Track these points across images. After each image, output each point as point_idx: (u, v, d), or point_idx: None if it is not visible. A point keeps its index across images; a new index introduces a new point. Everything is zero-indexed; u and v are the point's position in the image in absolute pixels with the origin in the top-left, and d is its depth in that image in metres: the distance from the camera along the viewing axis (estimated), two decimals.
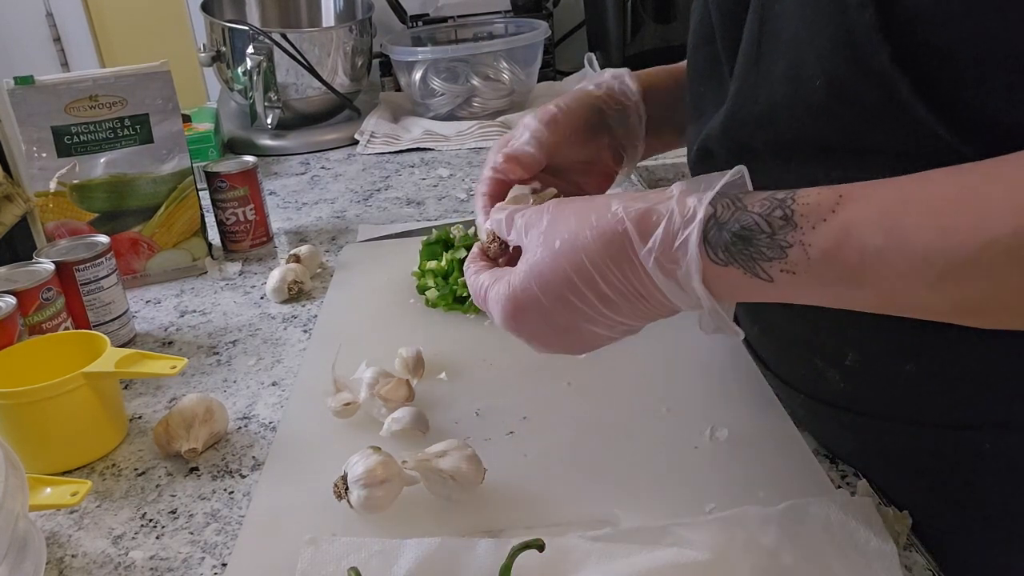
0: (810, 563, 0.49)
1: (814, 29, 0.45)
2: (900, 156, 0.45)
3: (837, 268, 0.40)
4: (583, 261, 0.46)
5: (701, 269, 0.43)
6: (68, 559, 0.56)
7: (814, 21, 0.45)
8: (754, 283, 0.43)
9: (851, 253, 0.40)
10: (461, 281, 0.82)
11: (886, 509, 0.53)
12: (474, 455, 0.56)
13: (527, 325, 0.50)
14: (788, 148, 0.51)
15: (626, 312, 0.47)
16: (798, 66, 0.47)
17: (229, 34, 1.42)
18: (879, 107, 0.43)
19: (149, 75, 0.94)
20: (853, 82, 0.43)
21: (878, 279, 0.40)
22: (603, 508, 0.55)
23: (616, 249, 0.45)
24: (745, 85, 0.52)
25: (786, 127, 0.50)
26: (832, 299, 0.43)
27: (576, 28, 1.81)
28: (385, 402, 0.65)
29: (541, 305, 0.48)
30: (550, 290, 0.48)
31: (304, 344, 0.82)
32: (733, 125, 0.54)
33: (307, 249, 0.97)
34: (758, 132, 0.52)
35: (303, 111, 1.51)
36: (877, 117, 0.44)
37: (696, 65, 0.61)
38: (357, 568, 0.49)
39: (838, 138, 0.47)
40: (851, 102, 0.44)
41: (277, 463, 0.63)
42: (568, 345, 0.51)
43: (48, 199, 0.93)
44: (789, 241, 0.41)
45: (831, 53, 0.44)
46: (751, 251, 0.42)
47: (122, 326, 0.85)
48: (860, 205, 0.40)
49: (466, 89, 1.48)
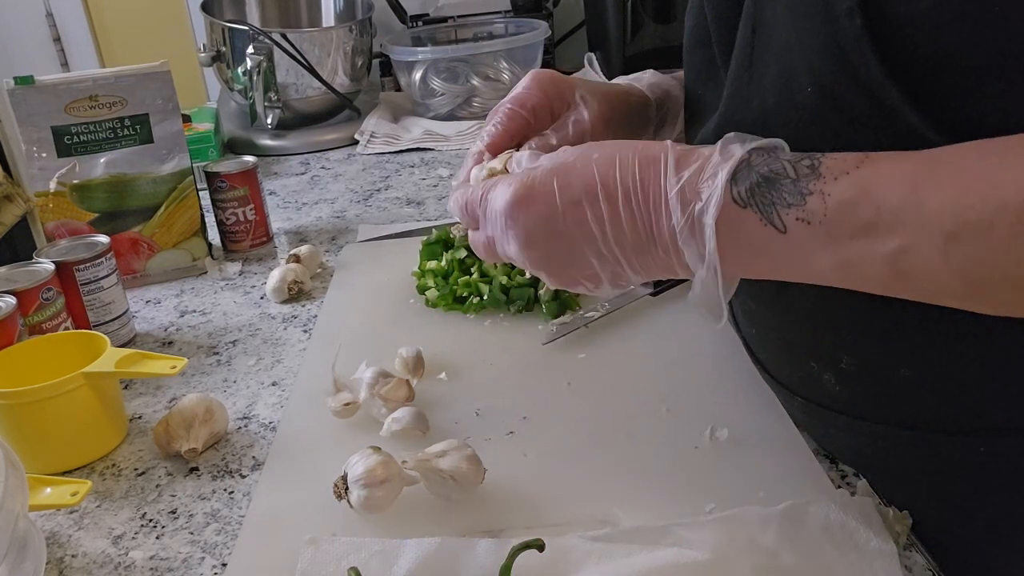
0: (810, 563, 0.49)
1: (804, 37, 0.45)
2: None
3: (852, 221, 0.40)
4: (613, 172, 0.46)
5: (719, 204, 0.43)
6: (68, 559, 0.56)
7: (804, 29, 0.44)
8: (766, 234, 0.43)
9: (868, 206, 0.40)
10: (461, 281, 0.82)
11: (886, 509, 0.53)
12: (474, 455, 0.56)
13: (526, 218, 0.48)
14: None
15: (628, 247, 0.47)
16: (789, 73, 0.47)
17: (229, 34, 1.42)
18: (869, 114, 0.43)
19: (149, 75, 0.94)
20: (843, 90, 0.43)
21: (889, 235, 0.39)
22: (603, 508, 0.55)
23: (649, 170, 0.46)
24: (738, 90, 0.52)
25: (778, 132, 0.50)
26: (838, 263, 0.42)
27: (576, 28, 1.81)
28: (385, 402, 0.65)
29: (552, 202, 0.47)
30: (568, 190, 0.47)
31: (304, 344, 0.82)
32: (728, 129, 0.54)
33: (307, 249, 0.97)
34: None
35: (303, 111, 1.51)
36: (868, 123, 0.44)
37: (693, 67, 0.61)
38: (357, 568, 0.49)
39: (830, 143, 0.47)
40: (842, 109, 0.44)
41: (277, 463, 0.63)
42: (551, 259, 0.49)
43: (48, 199, 0.93)
44: (811, 189, 0.42)
45: (821, 61, 0.44)
46: (773, 195, 0.42)
47: (122, 326, 0.85)
48: (883, 165, 0.41)
49: (466, 89, 1.48)
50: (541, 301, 0.79)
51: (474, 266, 0.83)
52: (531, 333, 0.77)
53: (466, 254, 0.84)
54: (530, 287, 0.80)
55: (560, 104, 0.61)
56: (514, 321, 0.79)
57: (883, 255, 0.40)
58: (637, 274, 0.49)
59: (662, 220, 0.45)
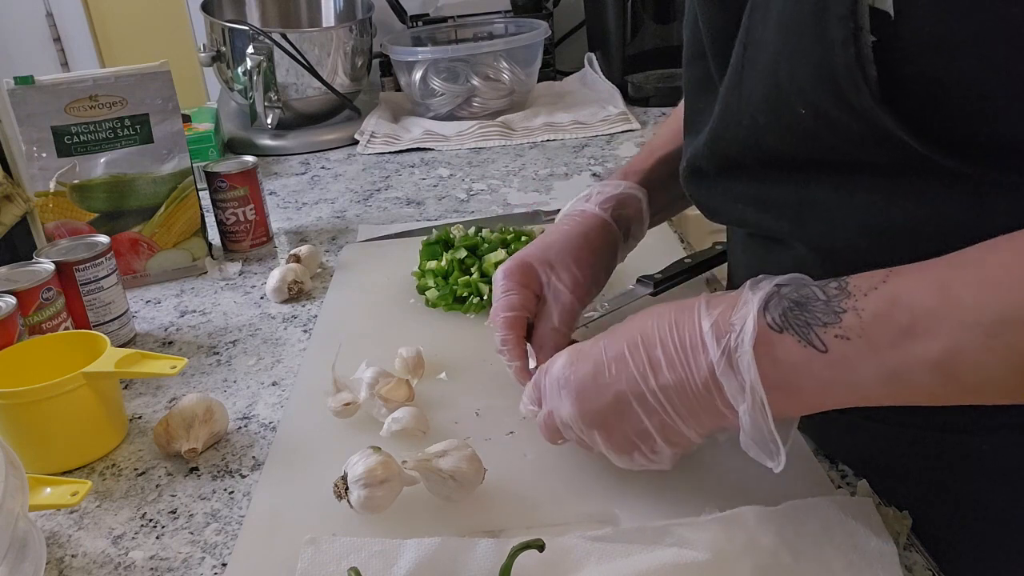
0: (810, 563, 0.49)
1: (794, 60, 0.45)
2: (891, 171, 0.45)
3: (890, 329, 0.41)
4: (652, 323, 0.49)
5: (755, 330, 0.44)
6: (68, 559, 0.56)
7: (794, 52, 0.44)
8: (806, 355, 0.43)
9: (902, 313, 0.41)
10: (461, 281, 0.82)
11: (886, 509, 0.53)
12: (474, 455, 0.56)
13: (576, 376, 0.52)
14: (775, 163, 0.52)
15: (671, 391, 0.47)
16: (777, 93, 0.47)
17: (229, 34, 1.42)
18: (865, 135, 0.44)
19: (149, 75, 0.94)
20: (837, 114, 0.44)
21: (931, 338, 0.40)
22: (603, 508, 0.55)
23: (684, 315, 0.48)
24: (729, 106, 0.52)
25: (773, 147, 0.50)
26: (886, 375, 0.42)
27: (576, 28, 1.81)
28: (385, 402, 0.65)
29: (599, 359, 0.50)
30: (613, 347, 0.50)
31: (304, 344, 0.82)
32: (719, 143, 0.55)
33: (307, 249, 0.97)
34: (743, 150, 0.53)
35: (303, 111, 1.51)
36: (864, 144, 0.44)
37: (691, 78, 0.62)
38: (357, 568, 0.49)
39: (827, 156, 0.48)
40: (836, 130, 0.45)
41: (277, 463, 0.63)
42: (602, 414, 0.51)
43: (48, 199, 0.93)
44: (844, 307, 0.42)
45: (813, 86, 0.44)
46: (806, 316, 0.43)
47: (122, 326, 0.85)
48: (910, 275, 0.42)
49: (466, 89, 1.48)
50: None
51: (474, 266, 0.83)
52: None
53: (466, 254, 0.84)
54: None
55: (535, 283, 0.66)
56: None
57: (930, 360, 0.40)
58: (684, 422, 0.48)
59: (700, 357, 0.46)
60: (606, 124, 1.43)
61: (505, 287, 0.65)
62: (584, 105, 1.53)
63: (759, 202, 0.55)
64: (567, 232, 0.69)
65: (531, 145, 1.40)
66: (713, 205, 0.61)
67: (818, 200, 0.50)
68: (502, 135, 1.43)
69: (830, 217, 0.50)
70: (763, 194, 0.54)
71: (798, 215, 0.52)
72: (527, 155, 1.35)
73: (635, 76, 1.59)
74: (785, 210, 0.53)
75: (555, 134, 1.42)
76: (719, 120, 0.54)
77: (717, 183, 0.58)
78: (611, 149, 1.34)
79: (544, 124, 1.46)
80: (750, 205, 0.56)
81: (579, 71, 1.72)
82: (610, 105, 1.51)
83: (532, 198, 1.16)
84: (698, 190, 0.62)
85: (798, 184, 0.51)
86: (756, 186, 0.55)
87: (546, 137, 1.41)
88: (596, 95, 1.58)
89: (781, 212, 0.53)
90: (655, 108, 1.54)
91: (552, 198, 1.15)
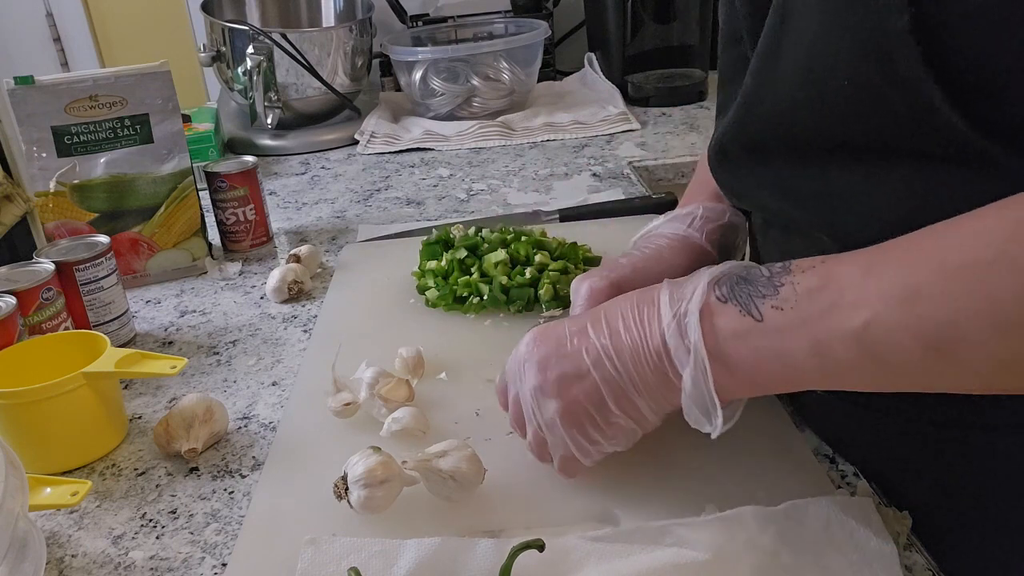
0: (810, 563, 0.49)
1: (838, 30, 0.44)
2: (928, 157, 0.44)
3: (819, 302, 0.44)
4: (616, 304, 0.52)
5: (702, 298, 0.47)
6: (68, 559, 0.56)
7: (840, 21, 0.43)
8: (744, 323, 0.46)
9: (832, 289, 0.44)
10: (461, 281, 0.82)
11: (886, 509, 0.53)
12: (474, 455, 0.56)
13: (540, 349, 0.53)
14: (805, 147, 0.50)
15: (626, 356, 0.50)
16: (819, 67, 0.46)
17: (229, 34, 1.42)
18: (908, 113, 0.43)
19: (149, 75, 0.94)
20: (881, 87, 0.43)
21: (854, 311, 0.42)
22: (603, 508, 0.55)
23: (647, 294, 0.51)
24: (762, 81, 0.51)
25: (804, 126, 0.49)
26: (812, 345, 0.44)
27: (576, 28, 1.81)
28: (385, 402, 0.65)
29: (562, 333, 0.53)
30: (577, 322, 0.53)
31: (304, 344, 0.82)
32: (748, 121, 0.54)
33: (307, 249, 0.97)
34: (774, 130, 0.52)
35: (303, 111, 1.51)
36: (906, 121, 0.43)
37: (726, 62, 0.60)
38: (357, 568, 0.49)
39: (862, 139, 0.47)
40: (877, 106, 0.44)
41: (277, 463, 0.63)
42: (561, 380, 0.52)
43: (48, 199, 0.93)
44: (783, 281, 0.46)
45: (858, 58, 0.43)
46: (749, 289, 0.47)
47: (122, 326, 0.85)
48: (844, 257, 0.45)
49: (466, 89, 1.48)
50: (541, 301, 0.79)
51: (474, 266, 0.83)
52: None
53: (466, 254, 0.84)
54: (530, 287, 0.80)
55: None
56: (514, 321, 0.79)
57: (851, 330, 0.42)
58: (637, 391, 0.50)
59: (655, 324, 0.49)
60: (606, 124, 1.43)
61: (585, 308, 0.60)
62: (584, 105, 1.53)
63: (783, 188, 0.54)
64: (669, 261, 0.64)
65: (531, 145, 1.40)
66: (738, 188, 0.60)
67: (846, 190, 0.50)
68: (502, 135, 1.43)
69: (858, 209, 0.49)
70: (788, 180, 0.53)
71: (824, 205, 0.52)
72: (527, 155, 1.35)
73: (635, 76, 1.59)
74: (810, 199, 0.52)
75: (555, 134, 1.42)
76: (751, 96, 0.52)
77: (742, 165, 0.57)
78: (611, 149, 1.34)
79: (544, 124, 1.46)
80: (774, 191, 0.55)
81: (579, 71, 1.72)
82: (610, 105, 1.51)
83: (532, 198, 1.16)
84: (724, 172, 0.60)
85: (826, 171, 0.50)
86: (781, 172, 0.53)
87: (546, 137, 1.41)
88: (596, 95, 1.58)
89: (805, 201, 0.53)
90: (655, 108, 1.54)
91: (552, 198, 1.15)
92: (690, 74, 1.59)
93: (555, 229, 0.94)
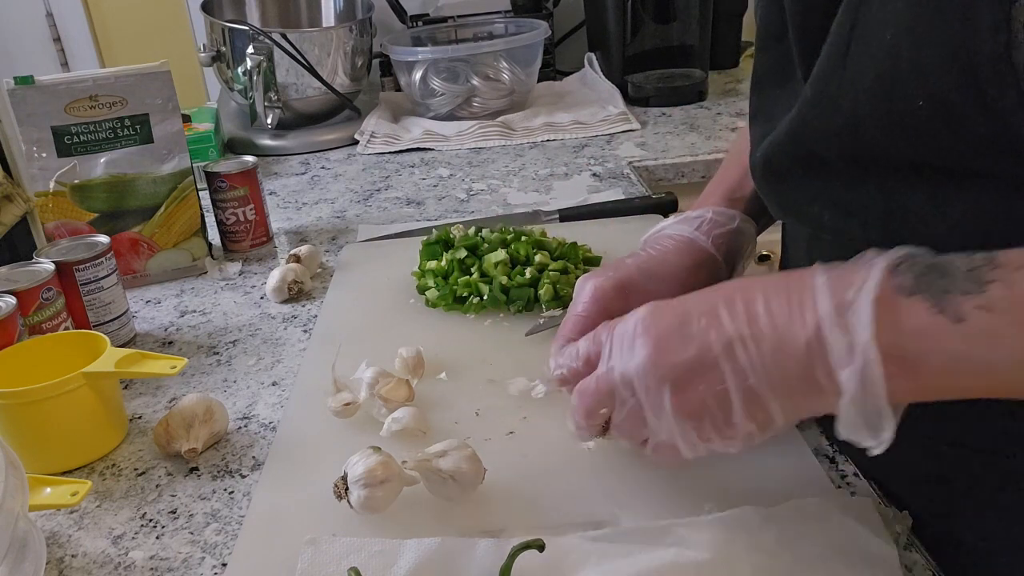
0: (810, 563, 0.49)
1: (923, 42, 0.40)
2: (1006, 182, 0.41)
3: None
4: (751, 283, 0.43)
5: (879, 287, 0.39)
6: (68, 559, 0.56)
7: (925, 34, 0.40)
8: (939, 324, 0.38)
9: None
10: (461, 281, 0.82)
11: (886, 509, 0.53)
12: (474, 455, 0.56)
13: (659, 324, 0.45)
14: (869, 162, 0.47)
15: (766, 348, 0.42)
16: (893, 79, 0.42)
17: (229, 34, 1.42)
18: (991, 139, 0.39)
19: (149, 75, 0.94)
20: (965, 109, 0.39)
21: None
22: (603, 508, 0.55)
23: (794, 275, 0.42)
24: (825, 91, 0.47)
25: (872, 142, 0.45)
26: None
27: (576, 28, 1.81)
28: (385, 402, 0.65)
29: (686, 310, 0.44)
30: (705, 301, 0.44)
31: (304, 344, 0.82)
32: (805, 133, 0.50)
33: (307, 249, 0.97)
34: (834, 143, 0.48)
35: (303, 111, 1.51)
36: (986, 145, 0.40)
37: (764, 66, 0.58)
38: (357, 568, 0.49)
39: (934, 159, 0.43)
40: (958, 129, 0.40)
41: (277, 463, 0.63)
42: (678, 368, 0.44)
43: (48, 199, 0.93)
44: (991, 278, 0.38)
45: (942, 74, 0.39)
46: (945, 283, 0.38)
47: (122, 326, 0.85)
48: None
49: (466, 89, 1.48)
50: (541, 301, 0.79)
51: (474, 266, 0.83)
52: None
53: (466, 254, 0.84)
54: (530, 287, 0.80)
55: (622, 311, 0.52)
56: (514, 321, 0.79)
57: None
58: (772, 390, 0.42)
59: (807, 313, 0.40)
60: (606, 124, 1.43)
61: (585, 309, 0.58)
62: (584, 105, 1.53)
63: (840, 205, 0.50)
64: (673, 263, 0.62)
65: (531, 145, 1.40)
66: (786, 203, 0.56)
67: (909, 209, 0.46)
68: (502, 135, 1.43)
69: (922, 229, 0.45)
70: (846, 196, 0.49)
71: (884, 223, 0.47)
72: (527, 155, 1.35)
73: (635, 76, 1.59)
74: (870, 216, 0.48)
75: (555, 134, 1.42)
76: (809, 107, 0.48)
77: (792, 179, 0.53)
78: (611, 149, 1.34)
79: (544, 124, 1.46)
80: (828, 207, 0.51)
81: (579, 71, 1.72)
82: (610, 105, 1.51)
83: (532, 198, 1.16)
84: (770, 185, 0.56)
85: (888, 189, 0.46)
86: (839, 186, 0.50)
87: (546, 137, 1.41)
88: (596, 95, 1.58)
89: (865, 218, 0.49)
90: (655, 108, 1.54)
91: (552, 198, 1.15)
92: (690, 74, 1.59)
93: (555, 229, 0.94)
